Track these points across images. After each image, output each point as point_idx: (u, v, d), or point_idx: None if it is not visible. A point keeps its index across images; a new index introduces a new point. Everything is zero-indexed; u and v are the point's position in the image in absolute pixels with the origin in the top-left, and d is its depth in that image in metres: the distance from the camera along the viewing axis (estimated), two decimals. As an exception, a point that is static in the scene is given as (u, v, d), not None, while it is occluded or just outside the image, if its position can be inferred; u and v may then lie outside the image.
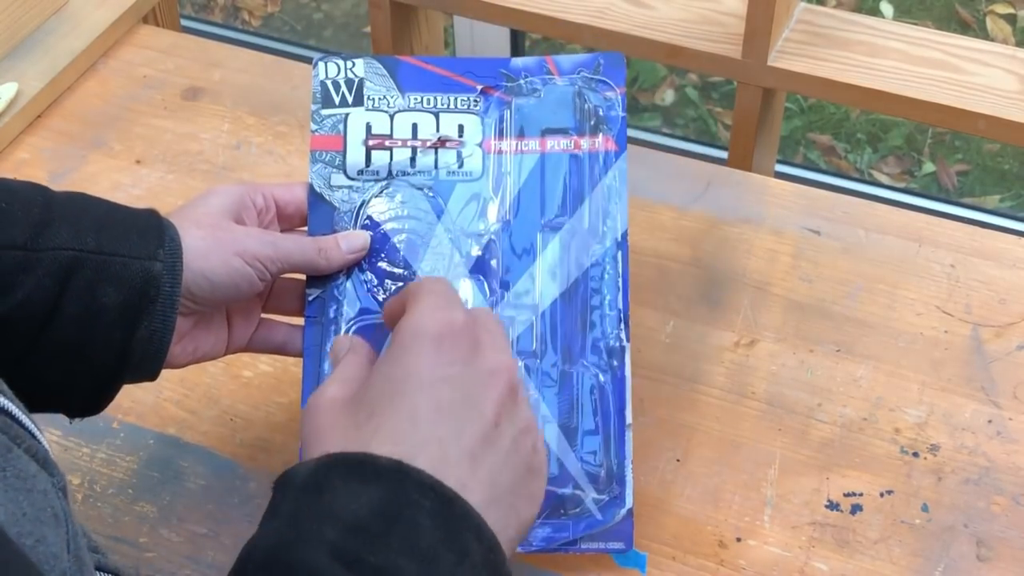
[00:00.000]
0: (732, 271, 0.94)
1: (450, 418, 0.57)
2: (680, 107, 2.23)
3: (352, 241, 0.76)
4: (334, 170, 0.79)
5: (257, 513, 0.79)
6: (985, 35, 2.29)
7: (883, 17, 2.27)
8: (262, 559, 0.53)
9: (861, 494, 0.80)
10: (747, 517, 0.79)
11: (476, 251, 0.77)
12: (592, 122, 0.79)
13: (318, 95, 0.80)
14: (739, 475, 0.81)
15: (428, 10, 1.46)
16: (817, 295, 0.92)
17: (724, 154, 1.48)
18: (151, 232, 0.69)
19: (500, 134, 0.80)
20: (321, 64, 0.81)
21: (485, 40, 2.01)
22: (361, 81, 0.80)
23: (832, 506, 0.80)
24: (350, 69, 0.80)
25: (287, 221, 0.79)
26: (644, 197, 0.99)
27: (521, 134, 0.79)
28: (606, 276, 0.76)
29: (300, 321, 0.77)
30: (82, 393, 0.69)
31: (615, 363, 0.75)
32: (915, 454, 0.82)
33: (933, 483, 0.81)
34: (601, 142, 0.79)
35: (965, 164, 2.13)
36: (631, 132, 2.16)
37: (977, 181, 2.10)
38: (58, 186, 1.02)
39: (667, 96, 2.25)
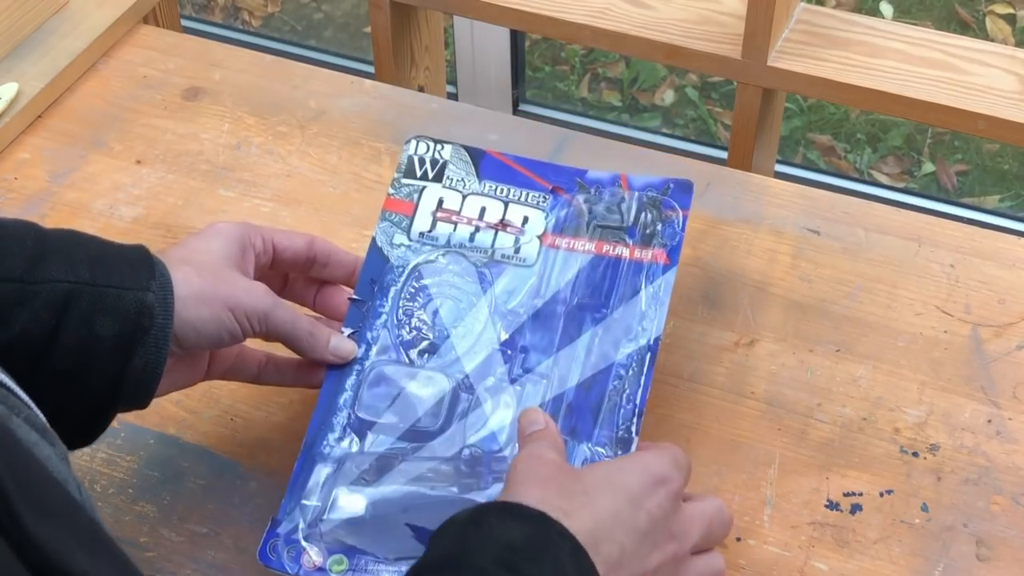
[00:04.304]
0: (732, 271, 0.94)
1: (636, 539, 0.66)
2: (680, 107, 2.23)
3: (340, 348, 0.79)
4: (399, 231, 0.84)
5: (257, 513, 0.79)
6: (985, 35, 2.29)
7: (883, 17, 2.27)
8: (431, 565, 0.62)
9: (861, 494, 0.80)
10: (747, 517, 0.79)
11: (504, 335, 0.80)
12: (647, 232, 0.82)
13: (403, 166, 0.87)
14: (739, 475, 0.82)
15: (428, 10, 1.46)
16: (817, 295, 0.92)
17: (724, 154, 1.49)
18: (142, 265, 0.71)
19: (559, 230, 0.83)
20: (414, 141, 0.87)
21: (485, 40, 2.01)
22: (445, 163, 0.87)
23: (832, 506, 0.80)
24: (438, 151, 0.87)
25: (282, 266, 0.81)
26: (644, 197, 0.99)
27: (578, 233, 0.83)
28: (630, 373, 0.78)
29: (278, 349, 0.79)
30: (74, 424, 0.69)
31: (619, 452, 0.76)
32: (915, 454, 0.82)
33: (933, 483, 0.81)
34: (654, 255, 0.82)
35: (965, 164, 2.13)
36: (631, 132, 2.17)
37: (977, 181, 2.10)
38: (59, 186, 1.02)
39: (667, 96, 2.25)
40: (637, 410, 0.77)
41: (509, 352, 0.80)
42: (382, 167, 1.03)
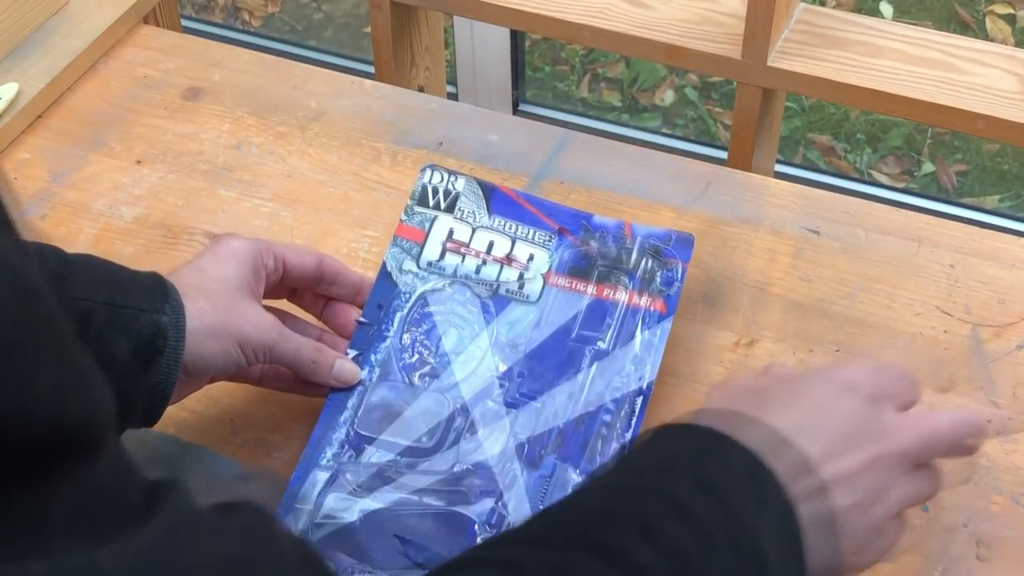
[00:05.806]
0: (731, 271, 0.94)
1: (831, 440, 0.60)
2: (680, 107, 2.23)
3: (343, 373, 0.80)
4: (408, 257, 0.86)
5: (257, 513, 0.79)
6: (985, 35, 2.29)
7: (883, 17, 2.27)
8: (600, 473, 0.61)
9: (860, 494, 0.80)
10: (747, 517, 0.79)
11: (503, 367, 0.82)
12: (647, 278, 0.84)
13: (417, 193, 0.88)
14: (739, 475, 0.81)
15: (428, 10, 1.46)
16: (816, 295, 0.92)
17: (724, 154, 1.48)
18: (156, 289, 0.73)
19: (562, 270, 0.86)
20: (428, 170, 0.89)
21: (485, 40, 2.01)
22: (458, 194, 0.88)
23: (832, 506, 0.80)
24: (452, 182, 0.89)
25: (290, 282, 0.82)
26: (644, 197, 0.99)
27: (580, 275, 0.85)
28: (621, 413, 0.80)
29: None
30: None
31: None
32: (914, 454, 0.82)
33: (932, 483, 0.81)
34: (651, 301, 0.84)
35: (964, 164, 2.13)
36: (631, 132, 2.17)
37: (976, 181, 2.10)
38: (59, 186, 1.02)
39: (667, 96, 2.25)
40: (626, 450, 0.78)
41: (506, 384, 0.81)
42: (382, 167, 1.03)
